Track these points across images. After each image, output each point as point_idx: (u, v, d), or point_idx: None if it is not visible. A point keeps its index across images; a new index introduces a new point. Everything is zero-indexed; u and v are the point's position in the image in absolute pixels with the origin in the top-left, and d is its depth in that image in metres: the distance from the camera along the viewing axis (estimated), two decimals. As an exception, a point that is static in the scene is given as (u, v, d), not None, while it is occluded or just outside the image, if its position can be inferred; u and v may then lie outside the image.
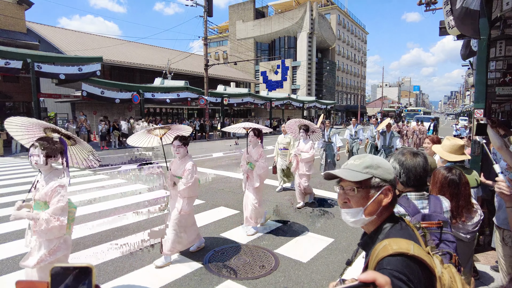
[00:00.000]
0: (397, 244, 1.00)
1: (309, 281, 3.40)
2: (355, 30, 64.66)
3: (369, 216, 1.15)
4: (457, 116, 79.49)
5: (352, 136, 10.44)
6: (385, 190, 1.14)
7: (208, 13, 23.40)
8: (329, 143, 8.82)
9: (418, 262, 0.98)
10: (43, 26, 28.01)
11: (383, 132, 8.68)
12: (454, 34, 4.35)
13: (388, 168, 1.17)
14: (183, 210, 3.76)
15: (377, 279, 0.64)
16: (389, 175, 1.16)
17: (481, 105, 4.14)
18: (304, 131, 6.11)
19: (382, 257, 1.00)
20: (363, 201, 1.15)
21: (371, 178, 1.15)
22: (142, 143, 4.23)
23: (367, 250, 1.18)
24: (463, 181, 2.24)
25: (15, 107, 18.82)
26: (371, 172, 1.15)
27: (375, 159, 1.18)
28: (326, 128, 8.85)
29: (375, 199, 1.14)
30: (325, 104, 42.53)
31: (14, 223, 5.06)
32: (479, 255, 3.89)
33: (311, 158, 5.99)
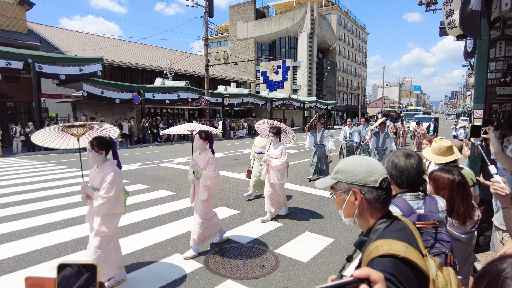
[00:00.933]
0: (389, 245, 1.01)
1: (309, 281, 3.41)
2: (355, 30, 64.64)
3: (348, 218, 1.22)
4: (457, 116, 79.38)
5: (346, 138, 10.08)
6: (353, 192, 1.18)
7: (208, 13, 23.42)
8: (321, 146, 8.45)
9: (409, 264, 0.99)
10: (44, 26, 28.05)
11: (377, 133, 8.26)
12: (454, 34, 4.36)
13: (353, 170, 1.19)
14: (101, 232, 3.08)
15: (371, 275, 0.65)
16: (354, 177, 1.18)
17: (480, 106, 4.14)
18: (274, 134, 5.34)
19: (373, 257, 1.02)
20: (341, 203, 1.22)
21: (337, 183, 1.22)
22: (50, 142, 3.31)
23: (361, 249, 1.19)
24: (467, 180, 2.23)
25: (16, 107, 18.86)
26: (337, 177, 1.22)
27: (345, 163, 1.23)
28: (318, 130, 8.49)
29: (347, 201, 1.20)
30: (325, 104, 42.54)
31: (14, 224, 5.09)
32: (479, 255, 3.89)
33: (283, 166, 5.24)
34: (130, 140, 18.98)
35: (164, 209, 5.97)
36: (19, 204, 6.22)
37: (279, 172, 5.27)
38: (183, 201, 6.49)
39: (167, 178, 8.89)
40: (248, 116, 36.00)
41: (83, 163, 3.47)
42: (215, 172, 3.93)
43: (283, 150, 5.27)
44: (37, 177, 9.03)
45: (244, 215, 5.65)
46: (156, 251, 4.12)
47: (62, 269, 0.59)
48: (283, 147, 5.31)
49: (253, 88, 46.78)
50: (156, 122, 21.85)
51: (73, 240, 4.45)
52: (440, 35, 7.52)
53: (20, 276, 3.44)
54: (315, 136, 8.58)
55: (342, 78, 59.72)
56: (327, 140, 8.33)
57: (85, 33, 32.73)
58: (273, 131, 5.33)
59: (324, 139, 8.36)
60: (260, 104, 30.78)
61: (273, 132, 5.32)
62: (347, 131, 10.11)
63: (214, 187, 4.01)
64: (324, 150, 8.40)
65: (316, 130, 8.59)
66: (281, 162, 5.15)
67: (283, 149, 5.28)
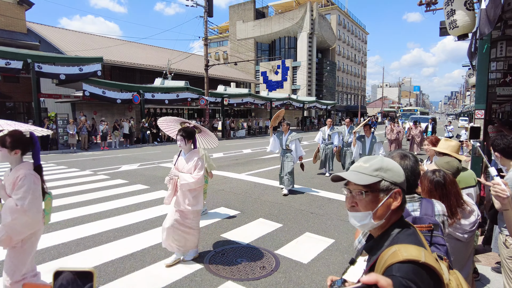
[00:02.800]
0: (407, 251, 0.98)
1: (310, 282, 3.39)
2: (355, 31, 64.67)
3: (378, 220, 1.12)
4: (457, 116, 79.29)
5: (324, 141, 9.02)
6: (394, 194, 1.11)
7: (208, 13, 23.41)
8: (287, 151, 7.15)
9: (428, 270, 0.96)
10: (44, 26, 28.02)
11: (361, 137, 7.05)
12: (455, 34, 4.35)
13: (398, 170, 1.14)
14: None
15: (379, 281, 0.64)
16: (399, 178, 1.12)
17: (482, 106, 4.13)
18: (184, 138, 3.67)
19: (391, 263, 0.98)
20: (372, 205, 1.11)
21: (380, 181, 1.11)
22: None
23: (372, 254, 1.15)
24: (448, 180, 2.23)
25: (15, 107, 18.84)
26: (381, 175, 1.11)
27: (385, 161, 1.15)
28: (284, 132, 7.21)
29: (384, 203, 1.10)
30: (325, 104, 42.54)
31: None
32: (480, 256, 3.89)
33: (197, 184, 3.61)
34: (129, 140, 18.96)
35: (164, 209, 5.94)
36: (18, 204, 6.19)
37: (192, 193, 3.67)
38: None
39: (166, 178, 8.86)
40: (248, 116, 36.01)
41: (82, 163, 3.45)
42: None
43: (199, 161, 3.67)
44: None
45: (244, 215, 5.64)
46: (156, 252, 4.10)
47: (58, 276, 0.57)
48: (198, 158, 3.72)
49: (253, 88, 46.82)
50: (156, 122, 21.81)
51: (72, 241, 4.43)
52: (440, 35, 7.50)
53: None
54: (280, 139, 7.25)
55: (341, 78, 59.76)
56: (293, 144, 7.08)
57: (84, 33, 32.72)
58: (183, 134, 3.66)
59: (290, 143, 7.07)
60: (260, 104, 30.79)
61: (182, 135, 3.67)
62: (326, 133, 9.04)
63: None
64: (290, 156, 7.12)
65: (282, 132, 7.30)
66: (195, 179, 3.56)
67: (198, 160, 3.69)
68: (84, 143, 16.84)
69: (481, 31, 3.44)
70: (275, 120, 7.46)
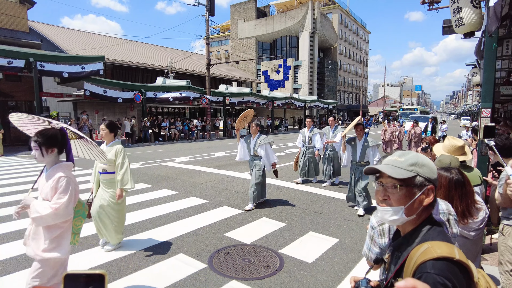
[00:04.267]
0: (441, 248, 0.97)
1: (315, 281, 3.36)
2: (357, 30, 64.53)
3: (409, 216, 1.11)
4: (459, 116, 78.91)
5: (305, 144, 7.97)
6: (427, 190, 1.11)
7: (210, 12, 23.37)
8: (255, 157, 6.10)
9: (461, 268, 0.95)
10: (46, 25, 28.03)
11: (352, 140, 5.86)
12: (461, 32, 4.31)
13: (432, 167, 1.13)
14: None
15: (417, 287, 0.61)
16: (433, 174, 1.12)
17: (488, 104, 4.09)
18: (39, 145, 2.37)
19: (424, 260, 0.96)
20: (405, 199, 1.11)
21: (415, 177, 1.11)
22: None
23: (401, 251, 1.14)
24: (466, 179, 2.19)
25: (18, 106, 18.83)
26: (416, 170, 1.11)
27: (420, 157, 1.14)
28: (253, 135, 6.14)
29: (416, 198, 1.10)
30: (327, 103, 42.44)
31: (16, 223, 5.04)
32: (487, 255, 3.85)
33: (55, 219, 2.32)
34: (131, 139, 18.96)
35: (167, 208, 5.93)
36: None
37: (51, 232, 2.37)
38: (185, 201, 6.45)
39: (169, 177, 8.85)
40: (249, 115, 35.93)
41: (84, 162, 3.43)
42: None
43: (62, 181, 2.38)
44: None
45: (247, 214, 5.61)
46: (160, 251, 4.07)
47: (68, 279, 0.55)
48: (64, 176, 2.41)
49: (254, 87, 46.76)
50: (158, 121, 21.81)
51: (75, 239, 4.41)
52: (443, 34, 7.45)
53: (22, 277, 3.40)
54: (248, 143, 6.19)
55: (343, 78, 59.66)
56: (261, 149, 5.98)
57: (86, 32, 32.72)
58: (37, 139, 2.36)
59: (258, 148, 5.99)
60: (261, 104, 30.73)
61: (37, 140, 2.37)
62: (306, 135, 7.96)
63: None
64: (259, 163, 6.02)
65: (250, 136, 6.22)
66: (52, 209, 2.27)
67: (61, 179, 2.38)
68: (86, 142, 16.83)
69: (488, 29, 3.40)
70: (241, 122, 6.22)
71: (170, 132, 21.64)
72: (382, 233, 1.64)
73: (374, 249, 1.69)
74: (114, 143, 4.05)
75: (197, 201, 6.40)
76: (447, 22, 7.27)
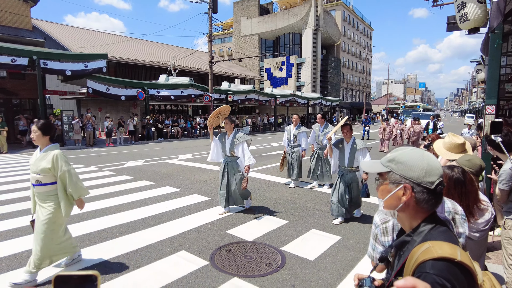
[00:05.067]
0: (442, 248, 0.94)
1: (316, 279, 3.36)
2: (360, 27, 64.17)
3: (388, 209, 1.15)
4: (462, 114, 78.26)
5: (290, 143, 7.29)
6: (403, 187, 1.08)
7: (213, 9, 23.30)
8: (232, 158, 5.37)
9: (462, 269, 0.92)
10: (49, 23, 28.10)
11: (339, 142, 5.07)
12: (465, 28, 4.26)
13: (411, 165, 1.09)
14: None
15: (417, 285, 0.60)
16: (411, 172, 1.08)
17: (493, 101, 4.05)
18: None
19: (424, 260, 0.94)
20: (384, 193, 1.14)
21: (388, 172, 1.13)
22: None
23: (403, 250, 1.12)
24: (468, 178, 2.15)
25: (21, 104, 18.93)
26: (391, 167, 1.12)
27: (403, 154, 1.12)
28: (228, 133, 5.41)
29: (392, 194, 1.11)
30: (330, 101, 42.29)
31: (19, 220, 5.07)
32: (491, 254, 3.82)
33: None
34: (134, 136, 19.02)
35: (169, 205, 5.94)
36: (24, 200, 6.22)
37: None
38: (188, 198, 6.46)
39: (171, 174, 8.87)
40: (252, 112, 35.91)
41: (87, 159, 3.42)
42: None
43: None
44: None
45: (249, 212, 5.61)
46: (162, 248, 4.08)
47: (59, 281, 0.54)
48: None
49: (257, 84, 46.70)
50: (161, 118, 21.84)
51: (78, 236, 4.43)
52: (447, 31, 7.38)
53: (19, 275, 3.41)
54: (223, 142, 5.42)
55: (346, 75, 59.41)
56: (237, 148, 5.29)
57: (89, 29, 32.78)
58: None
59: (236, 147, 5.30)
60: (264, 101, 30.68)
61: None
62: (291, 132, 7.22)
63: None
64: (235, 165, 5.38)
65: (225, 134, 5.46)
66: None
67: None
68: (89, 139, 16.91)
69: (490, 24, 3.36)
70: (214, 119, 5.44)
71: (173, 129, 21.68)
72: (385, 231, 1.62)
73: (378, 248, 1.67)
74: (50, 148, 3.31)
75: (200, 199, 6.41)
76: (451, 18, 7.20)
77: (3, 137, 13.87)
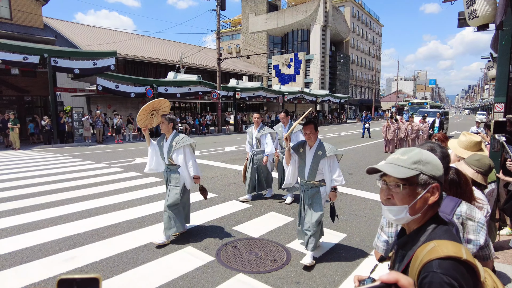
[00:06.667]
0: (447, 247, 0.95)
1: (321, 276, 3.38)
2: (369, 23, 63.45)
3: (414, 215, 1.09)
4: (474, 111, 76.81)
5: (253, 148, 6.03)
6: (432, 188, 1.07)
7: (221, 6, 23.31)
8: (172, 167, 4.25)
9: (468, 268, 0.92)
10: (59, 21, 28.47)
11: (299, 146, 3.74)
12: (474, 25, 4.20)
13: (437, 164, 1.09)
14: None
15: (400, 280, 0.62)
16: (438, 171, 1.08)
17: (502, 99, 3.99)
18: None
19: (430, 259, 0.94)
20: (409, 198, 1.08)
21: (418, 175, 1.07)
22: None
23: (406, 249, 1.12)
24: (463, 178, 2.13)
25: (33, 101, 19.28)
26: (419, 168, 1.07)
27: (424, 153, 1.10)
28: (166, 135, 4.27)
29: (421, 197, 1.07)
30: (338, 98, 41.99)
31: (31, 215, 5.19)
32: (498, 253, 3.79)
33: None
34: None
35: (177, 202, 6.01)
36: (36, 195, 6.36)
37: None
38: (195, 194, 6.51)
39: (179, 171, 8.95)
40: (260, 110, 35.92)
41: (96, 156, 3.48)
42: None
43: None
44: (53, 169, 9.22)
45: (255, 208, 5.65)
46: (169, 243, 4.14)
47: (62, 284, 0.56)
48: None
49: (265, 81, 46.59)
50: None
51: (87, 231, 4.53)
52: (458, 26, 7.25)
53: (38, 266, 3.52)
54: (161, 146, 4.31)
55: (355, 72, 58.89)
56: (178, 155, 4.13)
57: (99, 27, 33.10)
58: None
59: (176, 153, 4.14)
60: (272, 98, 30.64)
61: None
62: (253, 135, 6.00)
63: None
64: (176, 177, 4.18)
65: (163, 136, 4.32)
66: None
67: None
68: (99, 136, 17.15)
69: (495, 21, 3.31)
70: (147, 117, 4.36)
71: (181, 126, 21.83)
72: (391, 222, 1.63)
73: (382, 237, 1.69)
74: None
75: (207, 195, 6.46)
76: (462, 14, 7.06)
77: (15, 133, 14.16)
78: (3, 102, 18.00)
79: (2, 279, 3.25)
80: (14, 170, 9.00)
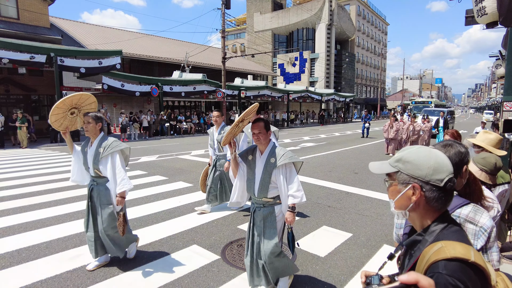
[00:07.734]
0: (455, 248, 0.93)
1: (327, 276, 3.36)
2: (375, 21, 63.04)
3: (399, 210, 1.14)
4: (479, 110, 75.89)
5: (215, 151, 5.30)
6: (412, 187, 1.07)
7: (226, 5, 23.29)
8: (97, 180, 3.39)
9: (476, 270, 0.90)
10: (66, 20, 28.67)
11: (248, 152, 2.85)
12: (483, 22, 4.13)
13: (419, 164, 1.07)
14: None
15: (420, 281, 0.60)
16: (418, 171, 1.07)
17: (511, 98, 3.93)
18: None
19: (436, 260, 0.93)
20: (394, 194, 1.14)
21: (396, 172, 1.12)
22: None
23: (414, 249, 1.12)
24: (472, 177, 2.09)
25: (40, 100, 19.44)
26: (398, 167, 1.11)
27: (410, 152, 1.11)
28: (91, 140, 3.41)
29: (402, 194, 1.10)
30: (344, 96, 41.83)
31: (39, 212, 5.23)
32: (504, 254, 3.74)
33: None
34: (148, 132, 19.30)
35: (182, 200, 6.03)
36: (42, 193, 6.42)
37: None
38: (200, 193, 6.52)
39: (184, 170, 8.98)
40: (265, 108, 35.87)
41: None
42: None
43: None
44: (60, 167, 9.30)
45: (260, 208, 5.63)
46: (174, 242, 4.15)
47: None
48: None
49: (270, 80, 46.54)
50: (174, 114, 22.07)
51: (93, 229, 4.54)
52: (465, 24, 7.16)
53: (44, 263, 3.54)
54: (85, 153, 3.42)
55: (361, 70, 58.59)
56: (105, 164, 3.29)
57: (104, 26, 33.29)
58: None
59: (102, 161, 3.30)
60: (277, 97, 30.60)
61: None
62: (214, 137, 5.28)
63: None
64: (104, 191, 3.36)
65: (88, 141, 3.44)
66: None
67: None
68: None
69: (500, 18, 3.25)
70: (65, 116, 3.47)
71: (186, 125, 21.90)
72: None
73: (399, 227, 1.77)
74: None
75: (212, 194, 6.46)
76: (470, 12, 6.98)
77: (23, 132, 14.30)
78: (10, 101, 18.19)
79: (10, 276, 3.28)
80: (22, 168, 9.09)
